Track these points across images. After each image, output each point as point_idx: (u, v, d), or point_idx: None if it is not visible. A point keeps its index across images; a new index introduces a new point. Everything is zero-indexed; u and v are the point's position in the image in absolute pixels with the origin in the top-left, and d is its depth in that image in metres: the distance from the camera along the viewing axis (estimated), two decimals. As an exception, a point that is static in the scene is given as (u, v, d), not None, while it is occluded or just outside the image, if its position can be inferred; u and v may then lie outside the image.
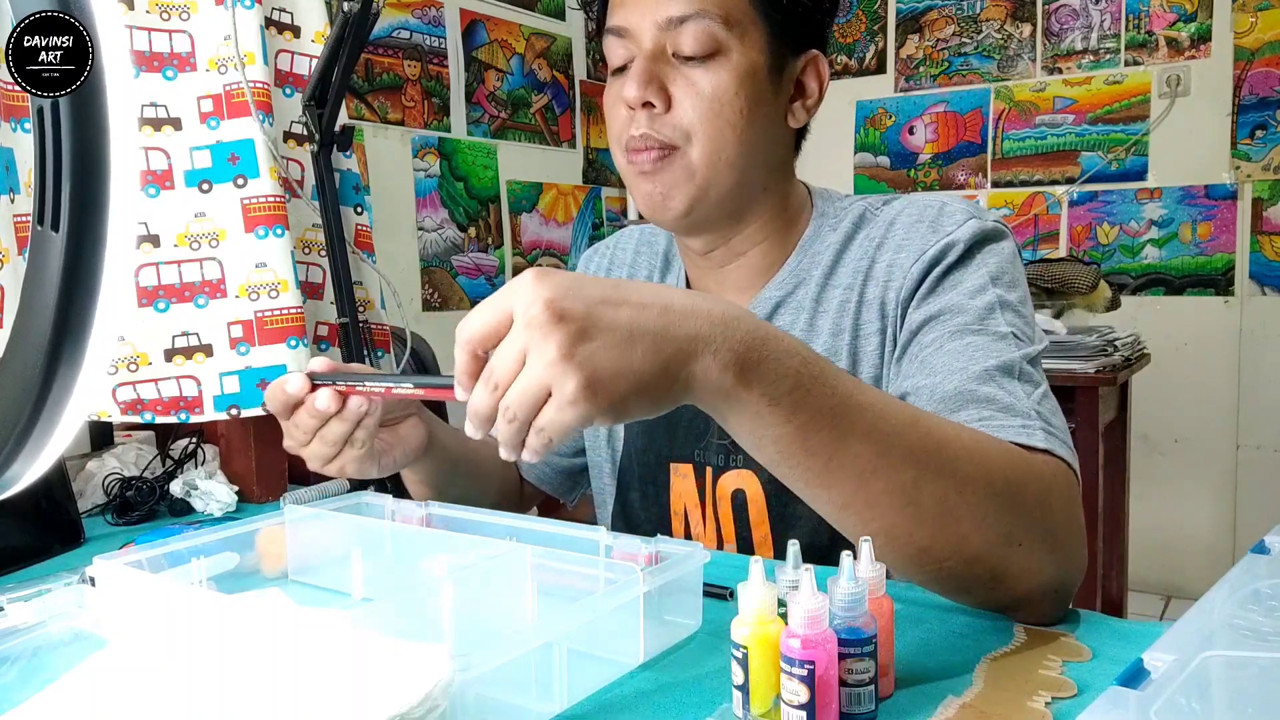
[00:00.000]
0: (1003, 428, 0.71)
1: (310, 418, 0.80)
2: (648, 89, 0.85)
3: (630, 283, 0.58)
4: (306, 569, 0.84)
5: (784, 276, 0.95)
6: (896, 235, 0.89)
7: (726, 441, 0.94)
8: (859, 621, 0.54)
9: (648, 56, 0.86)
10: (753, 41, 0.86)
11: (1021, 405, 0.74)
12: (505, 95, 3.23)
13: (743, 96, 0.85)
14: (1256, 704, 0.45)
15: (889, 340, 0.88)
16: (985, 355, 0.78)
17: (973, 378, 0.76)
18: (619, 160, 0.91)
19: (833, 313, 0.91)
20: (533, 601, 0.70)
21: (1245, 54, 2.96)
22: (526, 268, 3.44)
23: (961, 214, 0.87)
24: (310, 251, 1.35)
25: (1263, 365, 3.00)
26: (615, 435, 1.06)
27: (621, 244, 1.11)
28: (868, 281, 0.90)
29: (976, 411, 0.74)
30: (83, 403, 0.40)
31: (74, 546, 1.03)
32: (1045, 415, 0.74)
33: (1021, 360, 0.78)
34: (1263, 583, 0.55)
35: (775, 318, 0.94)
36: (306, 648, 0.55)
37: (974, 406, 0.75)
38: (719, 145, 0.86)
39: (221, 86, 1.22)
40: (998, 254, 0.86)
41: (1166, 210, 3.10)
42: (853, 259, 0.92)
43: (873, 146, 3.60)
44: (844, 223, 0.94)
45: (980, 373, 0.76)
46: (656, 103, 0.85)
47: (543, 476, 1.14)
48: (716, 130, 0.85)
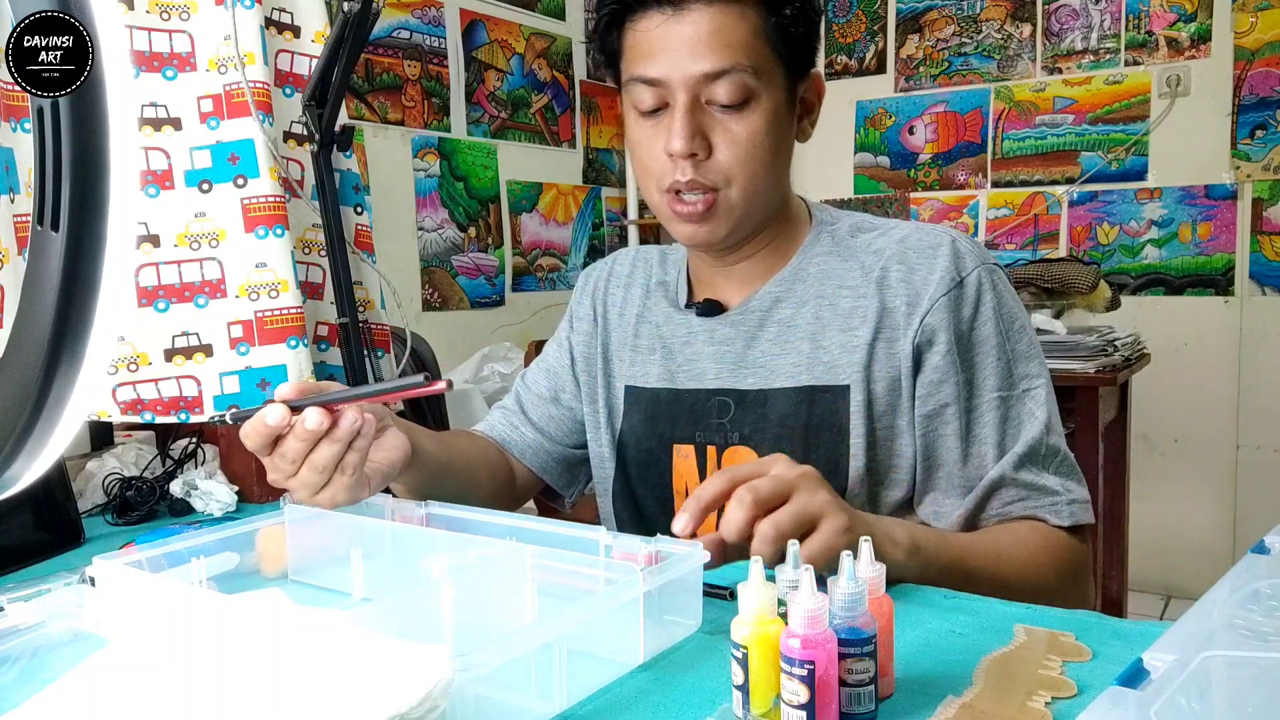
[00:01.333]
0: (1037, 508, 0.92)
1: (299, 441, 0.75)
2: (692, 141, 0.90)
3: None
4: (306, 569, 0.84)
5: (784, 274, 1.01)
6: (908, 257, 0.95)
7: (725, 421, 1.00)
8: (859, 621, 0.54)
9: (687, 109, 0.90)
10: (775, 83, 0.92)
11: (1049, 486, 0.92)
12: (505, 95, 3.23)
13: (773, 136, 0.92)
14: (1256, 704, 0.45)
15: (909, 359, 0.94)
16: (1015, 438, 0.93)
17: (1011, 464, 0.92)
18: (654, 198, 0.97)
19: (844, 313, 0.97)
20: (533, 601, 0.70)
21: (1245, 54, 2.96)
22: (526, 268, 3.43)
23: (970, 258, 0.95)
24: (310, 251, 1.35)
25: (1263, 365, 3.00)
26: (615, 425, 1.09)
27: (620, 260, 1.18)
28: (884, 292, 0.95)
29: (1016, 493, 0.92)
30: (83, 403, 0.40)
31: (74, 546, 1.03)
32: (1067, 486, 0.93)
33: (1043, 433, 0.93)
34: (1263, 583, 0.55)
35: (776, 310, 1.00)
36: (306, 648, 0.55)
37: (1013, 489, 0.92)
38: (755, 184, 0.93)
39: (221, 86, 1.22)
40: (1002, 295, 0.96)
41: (1166, 210, 3.10)
42: (863, 266, 0.97)
43: (873, 146, 3.60)
44: (840, 229, 1.02)
45: (1015, 459, 0.92)
46: (700, 153, 0.91)
47: (545, 465, 1.15)
48: (752, 171, 0.92)
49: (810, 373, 0.96)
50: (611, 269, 1.18)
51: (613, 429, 1.10)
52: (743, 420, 0.99)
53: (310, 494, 0.79)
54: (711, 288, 1.05)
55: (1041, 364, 0.96)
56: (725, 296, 1.04)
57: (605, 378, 1.11)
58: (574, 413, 1.15)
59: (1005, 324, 0.95)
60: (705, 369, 1.02)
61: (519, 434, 1.16)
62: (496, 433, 1.16)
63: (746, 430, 0.98)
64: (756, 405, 0.98)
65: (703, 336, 1.03)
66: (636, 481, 1.06)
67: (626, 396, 1.09)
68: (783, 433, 0.96)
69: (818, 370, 0.96)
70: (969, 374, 0.94)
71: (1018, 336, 0.95)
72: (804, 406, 0.96)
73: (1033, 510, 0.92)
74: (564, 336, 1.18)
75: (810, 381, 0.96)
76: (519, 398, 1.19)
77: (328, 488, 0.79)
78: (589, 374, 1.13)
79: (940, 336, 0.93)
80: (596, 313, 1.15)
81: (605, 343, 1.12)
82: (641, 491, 1.06)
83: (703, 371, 1.02)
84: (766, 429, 0.97)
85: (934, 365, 0.93)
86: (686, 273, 1.09)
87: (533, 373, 1.20)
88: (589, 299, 1.16)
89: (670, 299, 1.09)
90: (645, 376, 1.07)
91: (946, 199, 3.47)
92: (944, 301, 0.93)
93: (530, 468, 1.15)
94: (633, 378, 1.08)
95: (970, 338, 0.94)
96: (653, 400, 1.05)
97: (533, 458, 1.15)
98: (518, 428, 1.16)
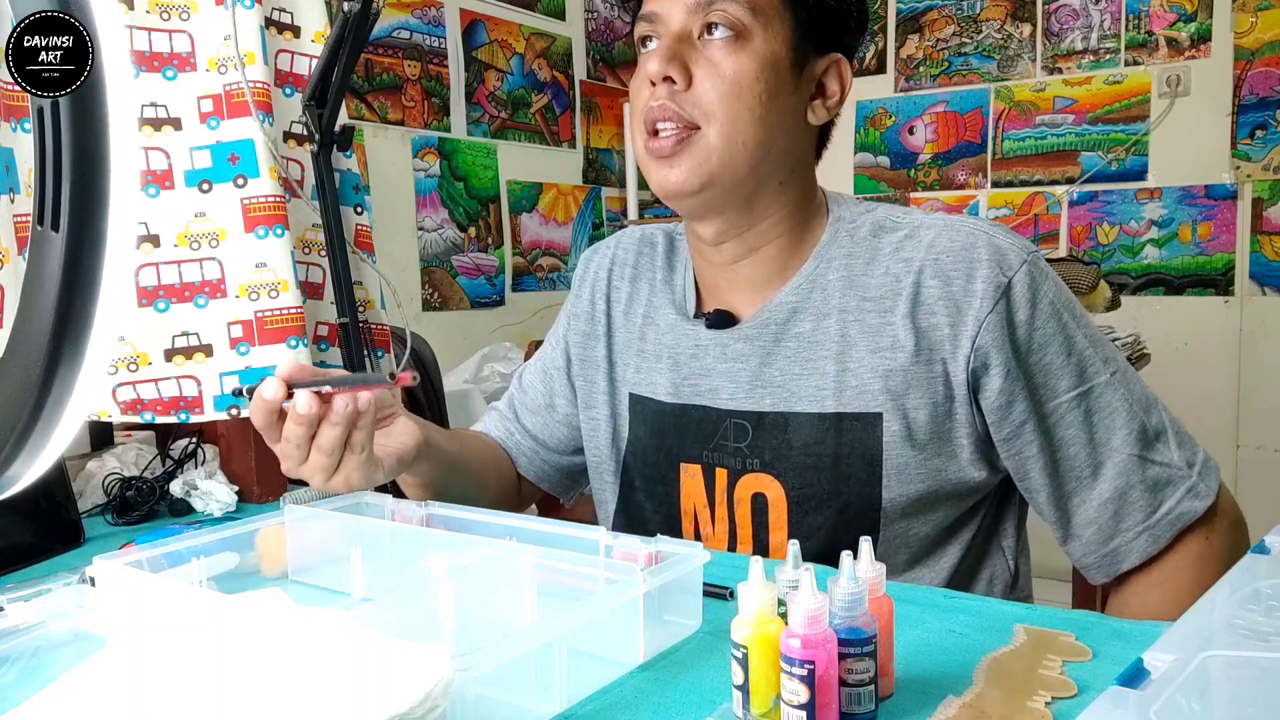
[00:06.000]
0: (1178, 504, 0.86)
1: (297, 425, 0.77)
2: (670, 64, 0.87)
3: None
4: (306, 569, 0.84)
5: (800, 281, 0.94)
6: (942, 265, 0.88)
7: (743, 445, 0.94)
8: (859, 621, 0.54)
9: (673, 36, 0.88)
10: (777, 32, 0.88)
11: (1173, 470, 0.87)
12: (505, 95, 3.23)
13: (763, 82, 0.87)
14: (1256, 704, 0.45)
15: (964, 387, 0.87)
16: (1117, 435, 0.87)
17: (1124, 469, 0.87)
18: (637, 144, 0.92)
19: (872, 330, 0.89)
20: (533, 601, 0.70)
21: (1245, 54, 2.96)
22: (526, 268, 3.43)
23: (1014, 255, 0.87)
24: (310, 251, 1.35)
25: (1263, 365, 3.00)
26: (620, 435, 1.04)
27: (623, 244, 1.10)
28: (917, 309, 0.88)
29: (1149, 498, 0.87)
30: (83, 403, 0.40)
31: (74, 546, 1.03)
32: (1190, 459, 0.88)
33: (1144, 415, 0.87)
34: (1263, 583, 0.55)
35: (794, 323, 0.93)
36: (306, 648, 0.55)
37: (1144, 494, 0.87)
38: (736, 128, 0.87)
39: (221, 86, 1.22)
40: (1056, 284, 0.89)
41: (1166, 210, 3.10)
42: (891, 278, 0.90)
43: (873, 146, 3.60)
44: (861, 230, 0.94)
45: (1127, 462, 0.87)
46: (678, 79, 0.87)
47: (542, 474, 1.13)
48: (735, 112, 0.86)
49: (837, 398, 0.89)
50: (614, 256, 1.10)
51: (617, 437, 1.04)
52: (762, 445, 0.92)
53: (324, 478, 0.80)
54: (719, 295, 0.98)
55: (1108, 345, 0.90)
56: (736, 305, 0.97)
57: (609, 383, 1.05)
58: (569, 419, 1.10)
59: (1062, 317, 0.87)
60: (718, 387, 0.96)
61: (515, 441, 1.12)
62: (493, 437, 1.13)
63: (767, 457, 0.92)
64: (777, 430, 0.92)
65: (714, 351, 0.96)
66: (643, 495, 1.01)
67: (632, 405, 1.03)
68: (809, 462, 0.90)
69: (846, 396, 0.89)
70: (1041, 379, 0.87)
71: (1075, 325, 0.88)
72: (831, 434, 0.89)
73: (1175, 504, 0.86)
74: (560, 335, 1.12)
75: (838, 408, 0.89)
76: (513, 401, 1.15)
77: (340, 470, 0.80)
78: (586, 378, 1.07)
79: (995, 357, 0.86)
80: (597, 309, 1.08)
81: (610, 344, 1.06)
82: (648, 506, 1.01)
83: (715, 390, 0.96)
84: (790, 456, 0.91)
85: (997, 389, 0.86)
86: (694, 280, 1.02)
87: (528, 375, 1.15)
88: (589, 292, 1.09)
89: (677, 306, 1.02)
90: (652, 386, 1.01)
91: (946, 199, 3.47)
92: (993, 319, 0.85)
93: (527, 476, 1.13)
94: (638, 385, 1.02)
95: (1030, 345, 0.87)
96: (659, 414, 0.99)
97: (528, 465, 1.12)
98: (514, 435, 1.13)
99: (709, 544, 0.96)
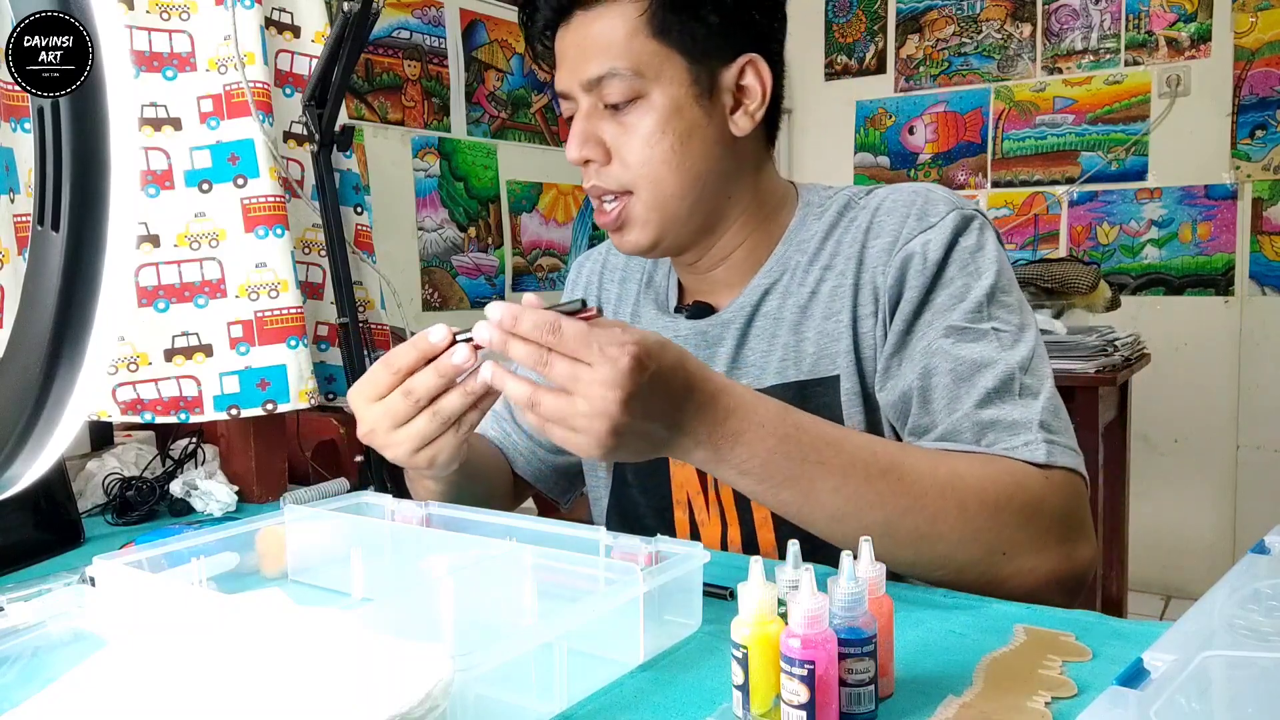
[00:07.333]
0: (1010, 449, 0.78)
1: (438, 377, 0.71)
2: (585, 147, 0.91)
3: (684, 408, 0.70)
4: (306, 569, 0.84)
5: (770, 265, 0.97)
6: (882, 222, 0.91)
7: None
8: (859, 621, 0.54)
9: (584, 115, 0.91)
10: (670, 78, 0.89)
11: (1023, 420, 0.79)
12: (505, 95, 3.23)
13: (672, 132, 0.89)
14: (1256, 704, 0.45)
15: (880, 325, 0.89)
16: (983, 374, 0.81)
17: (975, 402, 0.81)
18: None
19: (825, 298, 0.92)
20: (533, 601, 0.70)
21: (1245, 54, 2.96)
22: (526, 268, 3.42)
23: (944, 204, 0.89)
24: (310, 251, 1.35)
25: (1263, 365, 3.00)
26: None
27: (614, 250, 1.13)
28: (861, 268, 0.91)
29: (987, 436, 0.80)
30: (83, 403, 0.40)
31: (74, 546, 1.03)
32: (1047, 423, 0.79)
33: (1018, 370, 0.81)
34: (1263, 583, 0.55)
35: (764, 303, 0.96)
36: (306, 648, 0.55)
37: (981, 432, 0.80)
38: (660, 186, 0.90)
39: (221, 86, 1.22)
40: (980, 241, 0.88)
41: (1166, 210, 3.10)
42: (843, 246, 0.93)
43: (873, 146, 3.60)
44: (829, 211, 0.96)
45: (981, 397, 0.81)
46: (595, 158, 0.91)
47: (539, 474, 1.13)
48: (653, 172, 0.90)
49: (797, 367, 0.92)
50: (605, 261, 1.13)
51: None
52: None
53: (414, 447, 0.73)
54: (700, 293, 1.02)
55: (1028, 319, 0.86)
56: (716, 299, 1.01)
57: None
58: None
59: (981, 264, 0.86)
60: None
61: (511, 441, 1.12)
62: (490, 438, 1.13)
63: None
64: None
65: (694, 340, 0.99)
66: (636, 490, 1.03)
67: None
68: None
69: (805, 363, 0.92)
70: (930, 297, 0.86)
71: (994, 280, 0.85)
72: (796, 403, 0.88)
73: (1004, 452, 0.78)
74: None
75: (799, 376, 0.92)
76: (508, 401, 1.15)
77: (434, 443, 0.73)
78: None
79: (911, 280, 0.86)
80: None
81: None
82: (641, 501, 1.03)
83: None
84: None
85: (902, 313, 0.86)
86: (677, 281, 1.05)
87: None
88: (580, 294, 1.12)
89: (659, 304, 1.05)
90: None
91: (946, 199, 3.47)
92: (917, 242, 0.86)
93: (524, 476, 1.12)
94: None
95: (939, 277, 0.86)
96: None
97: (524, 465, 1.12)
98: (510, 435, 1.12)
99: (704, 530, 0.98)
